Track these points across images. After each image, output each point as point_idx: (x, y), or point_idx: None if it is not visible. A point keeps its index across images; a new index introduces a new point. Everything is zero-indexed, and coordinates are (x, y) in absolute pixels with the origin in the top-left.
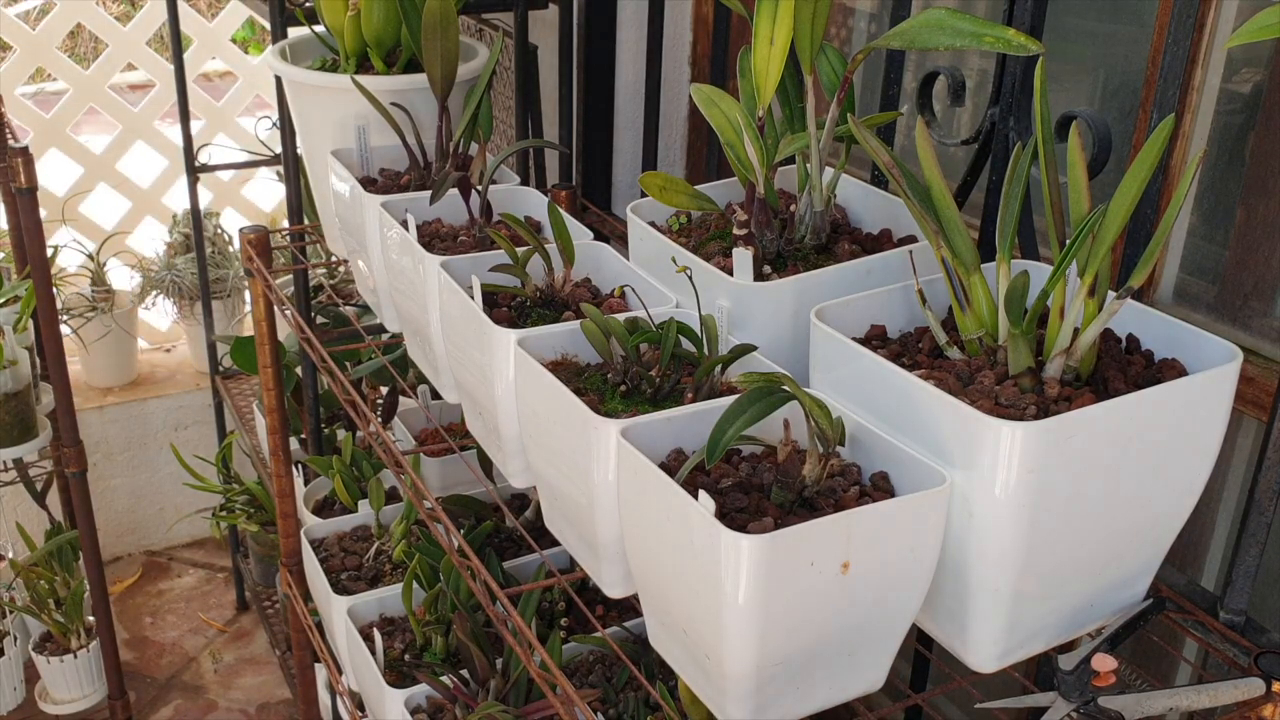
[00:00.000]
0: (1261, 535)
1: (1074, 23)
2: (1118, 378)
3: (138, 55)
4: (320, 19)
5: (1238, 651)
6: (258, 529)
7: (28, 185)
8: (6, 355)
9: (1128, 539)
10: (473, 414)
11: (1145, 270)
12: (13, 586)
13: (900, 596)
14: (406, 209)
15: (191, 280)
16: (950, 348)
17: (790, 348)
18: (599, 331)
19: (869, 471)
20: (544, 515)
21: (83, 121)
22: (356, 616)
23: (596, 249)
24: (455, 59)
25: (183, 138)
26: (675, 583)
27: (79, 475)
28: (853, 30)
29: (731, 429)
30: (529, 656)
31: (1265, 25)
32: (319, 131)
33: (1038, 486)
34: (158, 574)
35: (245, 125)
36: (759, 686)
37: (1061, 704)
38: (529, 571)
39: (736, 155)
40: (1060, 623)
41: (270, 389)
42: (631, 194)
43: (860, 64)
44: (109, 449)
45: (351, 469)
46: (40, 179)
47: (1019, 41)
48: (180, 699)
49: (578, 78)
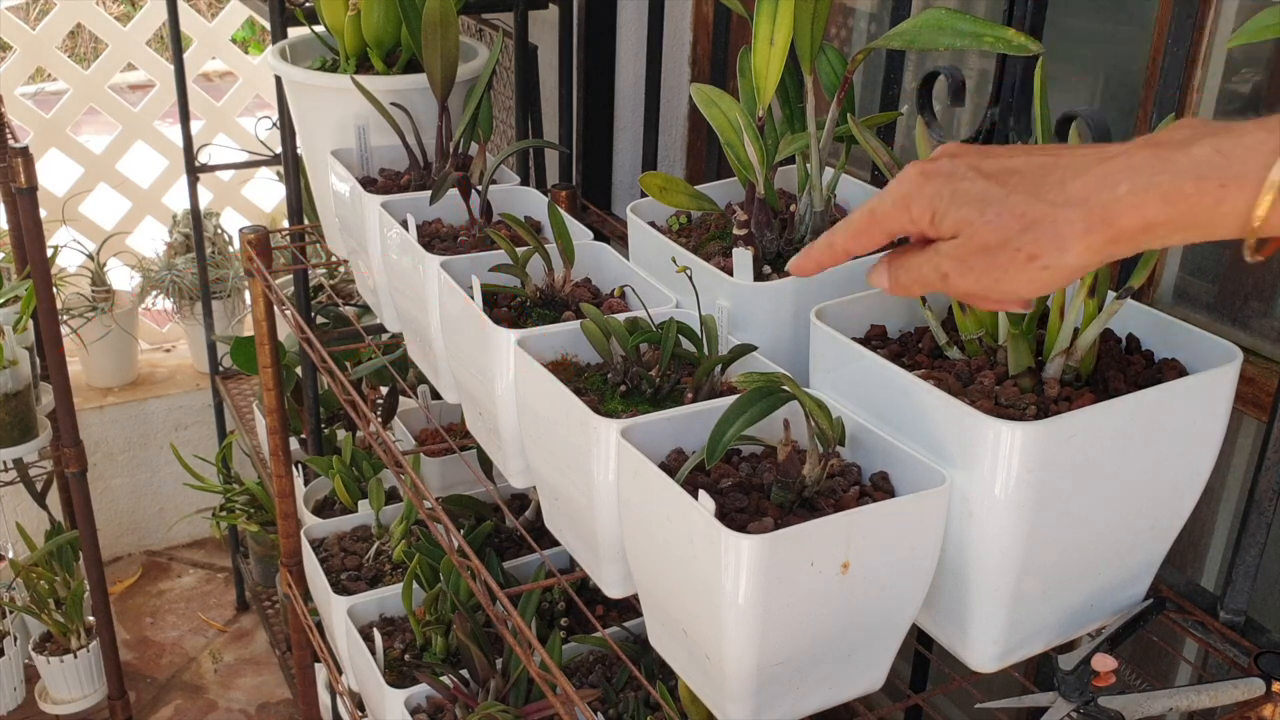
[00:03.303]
0: (1261, 535)
1: (1074, 23)
2: (1118, 378)
3: (138, 55)
4: (320, 19)
5: (1238, 651)
6: (258, 529)
7: (28, 185)
8: (6, 355)
9: (1127, 539)
10: (473, 414)
11: (1145, 270)
12: (13, 586)
13: (900, 596)
14: (407, 209)
15: (191, 280)
16: (950, 348)
17: (790, 348)
18: (599, 331)
19: (869, 471)
20: (544, 515)
21: (83, 121)
22: (356, 616)
23: (596, 249)
24: (455, 59)
25: (183, 138)
26: (675, 583)
27: (79, 475)
28: (853, 30)
29: (731, 429)
30: (529, 656)
31: (1265, 25)
32: (319, 131)
33: (1038, 486)
34: (158, 574)
35: (245, 125)
36: (759, 686)
37: (1061, 704)
38: (529, 571)
39: (736, 155)
40: (1060, 623)
41: (270, 389)
42: (631, 194)
43: (860, 64)
44: (109, 449)
45: (351, 469)
46: (40, 179)
47: (1019, 41)
48: (180, 699)
49: (578, 78)
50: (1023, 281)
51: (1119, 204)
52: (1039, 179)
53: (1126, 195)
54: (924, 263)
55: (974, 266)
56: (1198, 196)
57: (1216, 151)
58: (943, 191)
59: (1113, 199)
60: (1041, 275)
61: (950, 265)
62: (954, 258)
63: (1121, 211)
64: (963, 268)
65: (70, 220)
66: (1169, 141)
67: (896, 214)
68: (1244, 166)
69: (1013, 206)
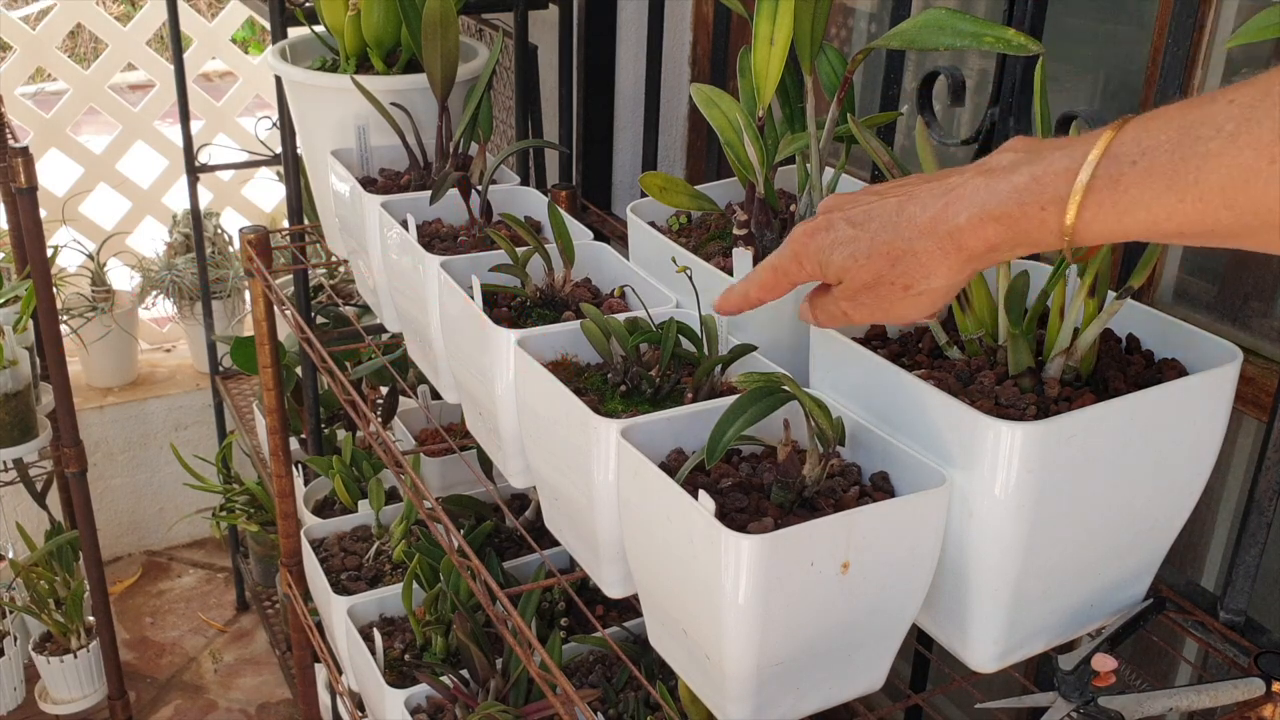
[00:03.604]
0: (1261, 535)
1: (1074, 23)
2: (1118, 378)
3: (138, 55)
4: (320, 19)
5: (1238, 651)
6: (258, 529)
7: (28, 185)
8: (6, 355)
9: (1127, 539)
10: (473, 414)
11: (1145, 270)
12: (13, 586)
13: (900, 596)
14: (407, 209)
15: (191, 280)
16: (950, 348)
17: (790, 348)
18: (599, 331)
19: (869, 471)
20: (544, 515)
21: (83, 121)
22: (356, 616)
23: (596, 249)
24: (455, 59)
25: (183, 138)
26: (675, 583)
27: (79, 475)
28: (853, 30)
29: (731, 429)
30: (529, 656)
31: (1265, 25)
32: (319, 131)
33: (1038, 486)
34: (158, 574)
35: (245, 125)
36: (759, 686)
37: (1061, 704)
38: (529, 571)
39: (736, 155)
40: (1060, 623)
41: (270, 389)
42: (631, 194)
43: (860, 64)
44: (109, 449)
45: (351, 469)
46: (40, 179)
47: (1019, 41)
48: (180, 699)
49: (578, 78)
50: (907, 307)
51: (962, 231)
52: (895, 218)
53: (966, 223)
54: (829, 304)
55: (864, 303)
56: (1025, 219)
57: (1033, 179)
58: (823, 245)
59: (956, 228)
60: (920, 300)
61: (846, 305)
62: (846, 298)
63: (966, 237)
64: (855, 305)
65: (70, 220)
66: (997, 168)
67: (794, 269)
68: (1055, 191)
69: (879, 247)
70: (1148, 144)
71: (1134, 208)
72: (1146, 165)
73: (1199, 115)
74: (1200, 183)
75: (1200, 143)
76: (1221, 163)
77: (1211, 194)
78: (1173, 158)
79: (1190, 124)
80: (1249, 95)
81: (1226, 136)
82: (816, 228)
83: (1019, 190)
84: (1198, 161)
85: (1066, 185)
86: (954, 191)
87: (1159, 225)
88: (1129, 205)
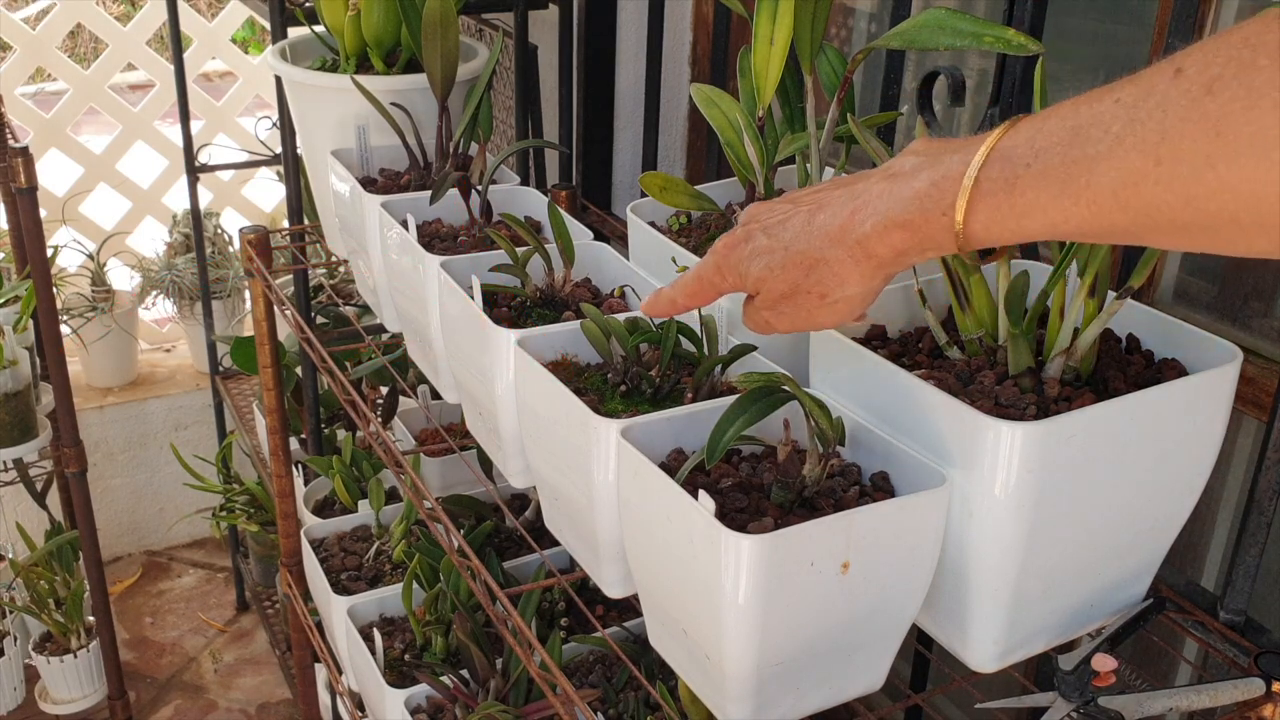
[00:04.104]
0: (1261, 535)
1: (1074, 23)
2: (1118, 378)
3: (138, 55)
4: (320, 19)
5: (1238, 651)
6: (258, 529)
7: (28, 185)
8: (6, 355)
9: (1127, 539)
10: (473, 414)
11: (1145, 270)
12: (13, 586)
13: (900, 596)
14: (407, 209)
15: (191, 280)
16: (950, 348)
17: (790, 348)
18: (599, 331)
19: (869, 471)
20: (544, 515)
21: (83, 121)
22: (356, 616)
23: (596, 249)
24: (455, 59)
25: (183, 138)
26: (675, 583)
27: (79, 475)
28: (853, 30)
29: (731, 429)
30: (529, 656)
31: None
32: (319, 131)
33: (1038, 486)
34: (158, 574)
35: (245, 125)
36: (759, 686)
37: (1061, 704)
38: (529, 571)
39: (736, 155)
40: (1060, 623)
41: (270, 389)
42: (631, 194)
43: (860, 64)
44: (109, 449)
45: (351, 469)
46: (40, 179)
47: (1019, 41)
48: (180, 699)
49: (578, 78)
50: (825, 315)
51: (869, 239)
52: (807, 227)
53: (872, 230)
54: (754, 313)
55: (784, 311)
56: (927, 225)
57: (931, 184)
58: (742, 256)
59: (863, 235)
60: (837, 307)
61: (768, 314)
62: (766, 307)
63: (873, 244)
64: (776, 314)
65: (70, 220)
66: (900, 172)
67: (717, 279)
68: (953, 196)
69: (793, 257)
70: (1041, 145)
71: (1031, 210)
72: (1040, 168)
73: (1089, 115)
74: (1092, 185)
75: (1089, 144)
76: (1110, 165)
77: (1104, 197)
78: (1064, 160)
79: (1080, 125)
80: (1132, 94)
81: (1113, 138)
82: (737, 240)
83: (920, 196)
84: (1088, 164)
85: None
86: (860, 199)
87: (1058, 227)
88: (1026, 208)
